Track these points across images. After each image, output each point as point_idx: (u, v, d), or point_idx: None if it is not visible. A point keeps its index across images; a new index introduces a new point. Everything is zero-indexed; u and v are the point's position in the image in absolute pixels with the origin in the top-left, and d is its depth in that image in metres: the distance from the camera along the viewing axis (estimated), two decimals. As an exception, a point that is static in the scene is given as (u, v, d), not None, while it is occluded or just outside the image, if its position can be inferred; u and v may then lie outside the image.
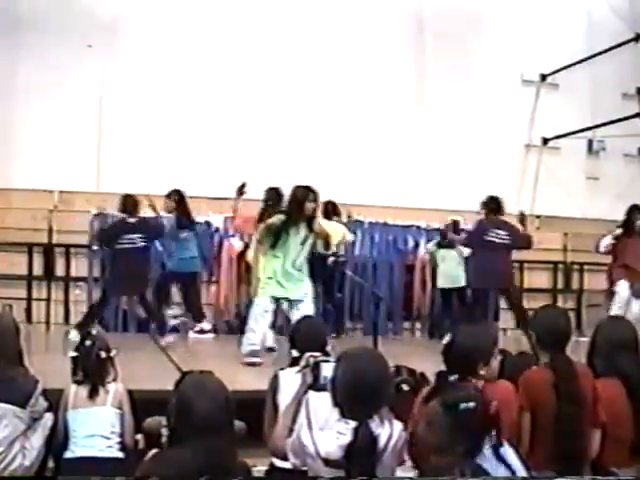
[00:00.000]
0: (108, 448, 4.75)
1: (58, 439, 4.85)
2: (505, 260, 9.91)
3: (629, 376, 4.42)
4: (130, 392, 5.05)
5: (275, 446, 3.87)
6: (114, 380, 4.99)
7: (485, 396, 3.42)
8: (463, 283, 10.77)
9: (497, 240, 9.71)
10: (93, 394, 4.84)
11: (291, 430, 3.62)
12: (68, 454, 4.79)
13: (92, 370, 4.91)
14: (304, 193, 8.15)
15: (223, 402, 3.25)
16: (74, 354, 5.02)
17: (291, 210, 8.11)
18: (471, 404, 3.26)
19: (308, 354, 4.05)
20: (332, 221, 10.06)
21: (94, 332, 5.15)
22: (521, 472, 3.35)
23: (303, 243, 8.17)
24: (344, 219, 10.94)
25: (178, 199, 9.90)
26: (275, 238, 8.02)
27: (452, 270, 10.96)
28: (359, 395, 3.36)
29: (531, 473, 3.58)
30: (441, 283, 11.26)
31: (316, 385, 3.79)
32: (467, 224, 10.58)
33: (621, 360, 4.47)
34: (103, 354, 4.95)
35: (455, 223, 10.61)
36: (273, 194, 9.43)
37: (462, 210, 11.08)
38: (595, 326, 4.85)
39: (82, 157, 11.02)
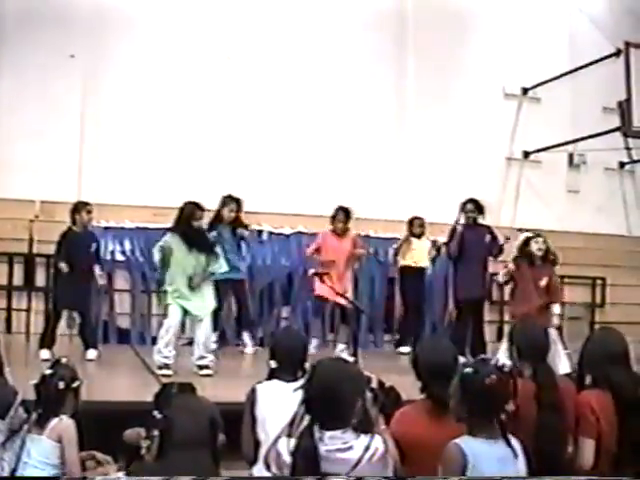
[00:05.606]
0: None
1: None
2: None
3: (620, 388, 4.43)
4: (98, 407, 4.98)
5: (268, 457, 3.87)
6: (70, 412, 4.69)
7: None
8: None
9: None
10: (41, 422, 4.59)
11: None
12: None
13: (47, 400, 4.64)
14: (191, 209, 8.14)
15: (206, 420, 3.25)
16: (36, 382, 4.74)
17: (181, 228, 8.10)
18: (469, 370, 3.59)
19: None
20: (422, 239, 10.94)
21: (63, 360, 4.90)
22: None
23: (198, 259, 8.14)
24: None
25: None
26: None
27: None
28: (326, 405, 3.37)
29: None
30: None
31: None
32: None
33: (612, 372, 4.48)
34: (61, 385, 4.67)
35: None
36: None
37: (443, 222, 11.07)
38: (586, 337, 4.87)
39: (63, 167, 10.96)
